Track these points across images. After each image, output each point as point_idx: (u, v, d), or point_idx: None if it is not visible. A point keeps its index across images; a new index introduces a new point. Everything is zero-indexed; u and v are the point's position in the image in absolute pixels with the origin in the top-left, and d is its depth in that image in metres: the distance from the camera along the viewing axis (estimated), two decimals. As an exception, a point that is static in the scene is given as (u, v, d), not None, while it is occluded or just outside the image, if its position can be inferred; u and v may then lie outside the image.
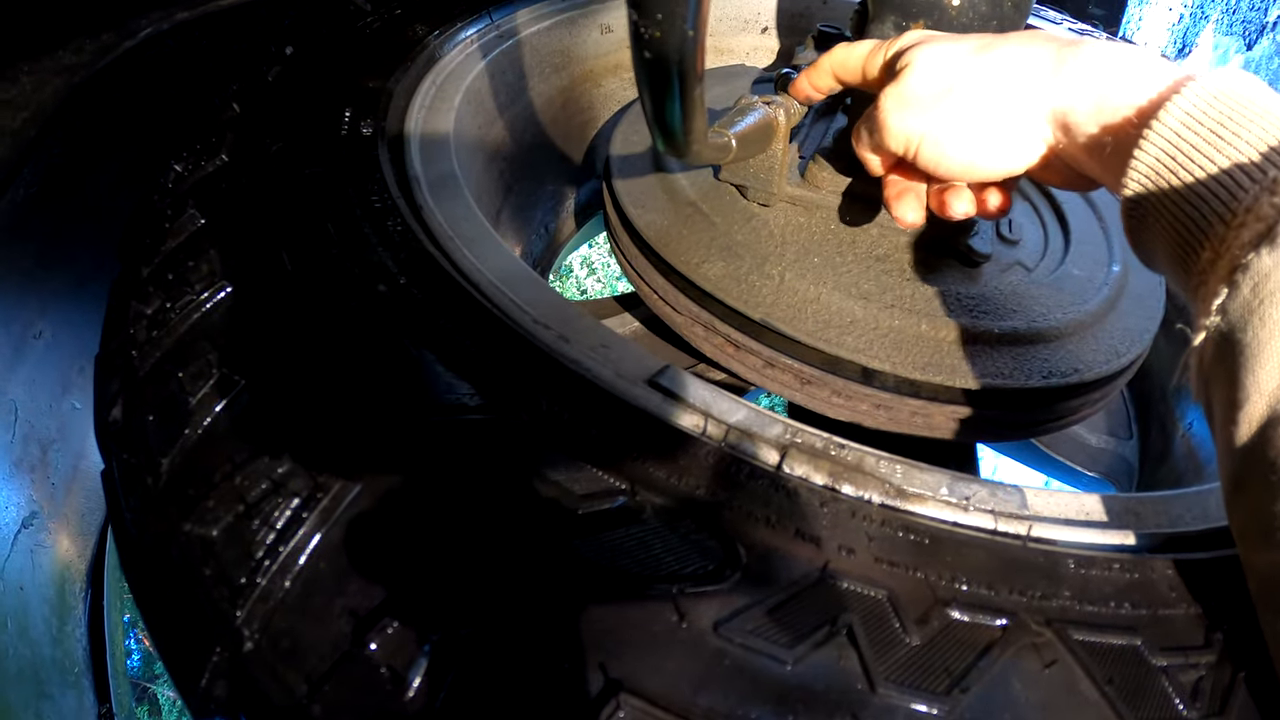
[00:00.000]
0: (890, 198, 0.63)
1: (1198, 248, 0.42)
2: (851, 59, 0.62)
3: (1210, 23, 2.78)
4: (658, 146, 0.56)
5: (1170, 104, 0.43)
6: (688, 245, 0.70)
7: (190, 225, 0.57)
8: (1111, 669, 0.38)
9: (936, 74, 0.53)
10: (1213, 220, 0.41)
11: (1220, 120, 0.41)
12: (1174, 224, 0.43)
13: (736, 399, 0.50)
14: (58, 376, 0.94)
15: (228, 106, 0.69)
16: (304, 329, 0.49)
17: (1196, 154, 0.42)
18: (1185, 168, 0.42)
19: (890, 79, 0.57)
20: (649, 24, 0.41)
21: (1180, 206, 0.42)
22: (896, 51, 0.58)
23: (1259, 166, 0.40)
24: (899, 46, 0.58)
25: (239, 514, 0.41)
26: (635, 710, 0.34)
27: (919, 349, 0.64)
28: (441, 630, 0.37)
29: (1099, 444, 0.95)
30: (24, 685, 0.85)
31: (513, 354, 0.49)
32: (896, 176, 0.63)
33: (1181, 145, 0.42)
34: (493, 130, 0.88)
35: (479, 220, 0.63)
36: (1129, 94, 0.46)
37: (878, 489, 0.46)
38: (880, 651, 0.37)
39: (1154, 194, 0.44)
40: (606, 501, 0.41)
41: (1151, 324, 0.73)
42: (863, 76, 0.62)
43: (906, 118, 0.55)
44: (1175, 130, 0.42)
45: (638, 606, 0.37)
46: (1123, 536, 0.47)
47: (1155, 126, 0.43)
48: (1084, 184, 0.54)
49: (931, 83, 0.53)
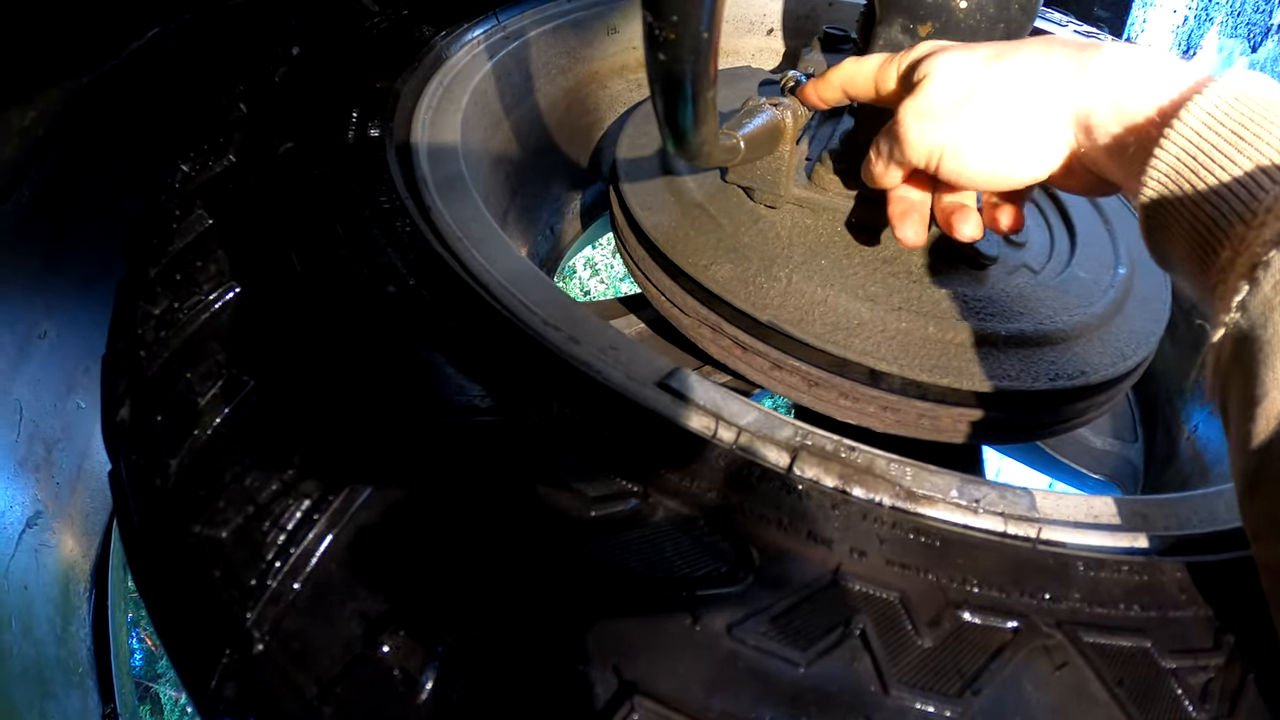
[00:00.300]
0: (894, 216, 0.63)
1: (1217, 246, 0.42)
2: (861, 74, 0.62)
3: (1215, 25, 2.78)
4: (668, 148, 0.56)
5: (1191, 104, 0.43)
6: (695, 247, 0.70)
7: (198, 226, 0.57)
8: (1122, 671, 0.38)
9: (956, 83, 0.53)
10: (1233, 219, 0.41)
11: (1241, 121, 0.41)
12: (1193, 223, 0.43)
13: (747, 401, 0.50)
14: (63, 376, 0.94)
15: (235, 107, 0.69)
16: (313, 330, 0.49)
17: (1217, 154, 0.42)
18: (1206, 167, 0.42)
19: (907, 91, 0.56)
20: (664, 26, 0.41)
21: (1200, 206, 0.43)
22: (911, 63, 0.57)
23: (1279, 167, 0.40)
24: (913, 58, 0.57)
25: (249, 515, 0.41)
26: (649, 712, 0.34)
27: (926, 351, 0.64)
28: (454, 632, 0.36)
29: (1104, 447, 0.95)
30: (29, 684, 0.85)
31: (523, 356, 0.49)
32: (902, 193, 0.63)
33: (1202, 145, 0.42)
34: (499, 131, 0.88)
35: (487, 221, 0.63)
36: (1150, 96, 0.46)
37: (888, 491, 0.46)
38: (893, 653, 0.37)
39: (1173, 193, 0.44)
40: (619, 504, 0.41)
41: (1157, 327, 0.73)
42: (875, 91, 0.61)
43: (929, 129, 0.54)
44: (1196, 130, 0.42)
45: (650, 609, 0.37)
46: (1132, 539, 0.47)
47: (1176, 126, 0.43)
48: (1103, 188, 0.54)
49: (951, 92, 0.53)
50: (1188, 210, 0.43)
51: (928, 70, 0.55)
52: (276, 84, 0.72)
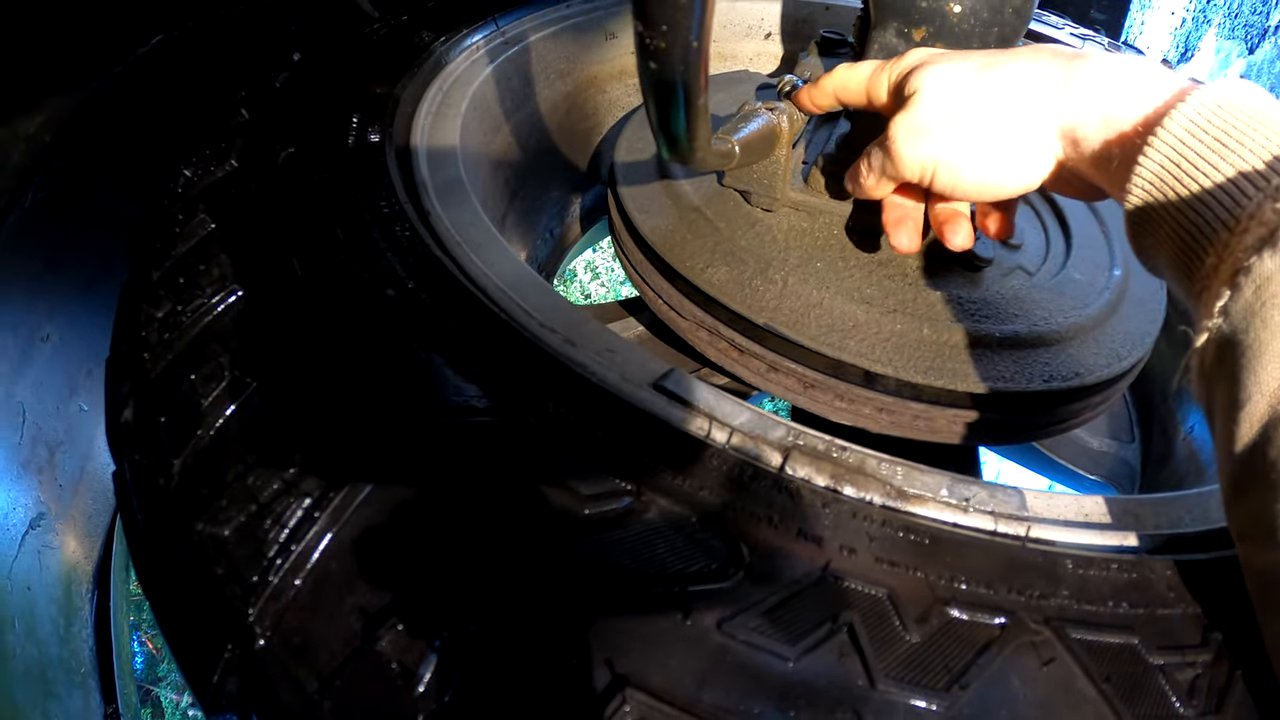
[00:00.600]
0: (888, 223, 0.64)
1: (1201, 254, 0.43)
2: (853, 81, 0.62)
3: (1212, 27, 2.78)
4: (662, 154, 0.56)
5: (1175, 112, 0.43)
6: (692, 250, 0.71)
7: (200, 230, 0.58)
8: (1109, 667, 0.39)
9: (945, 97, 0.53)
10: (1216, 227, 0.41)
11: (1224, 129, 0.42)
12: (1178, 230, 0.44)
13: (740, 402, 0.51)
14: (65, 379, 0.94)
15: (237, 112, 0.70)
16: (314, 332, 0.50)
17: (1201, 161, 0.42)
18: (1189, 175, 0.42)
19: (899, 106, 0.57)
20: (654, 35, 0.42)
21: (1184, 213, 0.43)
22: (901, 75, 0.57)
23: (1262, 174, 0.40)
24: (903, 69, 0.57)
25: (251, 513, 0.42)
26: (640, 705, 0.35)
27: (921, 353, 0.65)
28: (451, 627, 0.37)
29: (1101, 447, 0.95)
30: (31, 685, 0.86)
31: (520, 358, 0.50)
32: (896, 200, 0.64)
33: (1185, 153, 0.43)
34: (498, 136, 0.89)
35: (485, 225, 0.64)
36: (1135, 106, 0.46)
37: (879, 490, 0.46)
38: (881, 649, 0.37)
39: (1158, 201, 0.44)
40: (612, 502, 0.41)
41: (1153, 328, 0.73)
42: (867, 98, 0.62)
43: (920, 146, 0.55)
44: (1179, 138, 0.43)
45: (643, 605, 0.38)
46: (1121, 538, 0.48)
47: (1160, 134, 0.44)
48: (1095, 194, 0.54)
49: (941, 107, 0.54)
50: (1172, 217, 0.44)
51: (917, 85, 0.55)
52: (278, 89, 0.73)
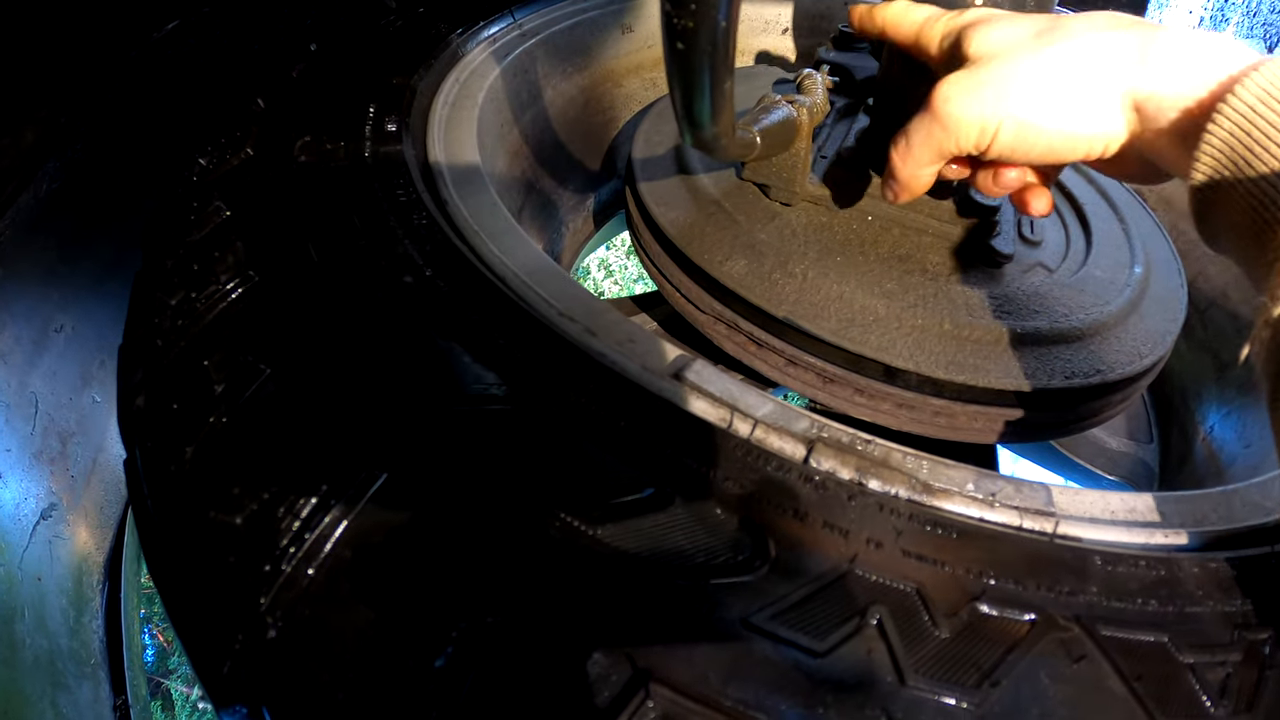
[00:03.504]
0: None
1: (1275, 224, 0.42)
2: (906, 21, 0.60)
3: (1231, 25, 2.77)
4: (685, 140, 0.56)
5: (1247, 80, 0.43)
6: (711, 243, 0.70)
7: (216, 217, 0.58)
8: (1139, 665, 0.38)
9: (1011, 55, 0.51)
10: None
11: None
12: (1249, 200, 0.43)
13: (763, 393, 0.50)
14: (78, 370, 0.94)
15: (253, 102, 0.70)
16: (330, 319, 0.49)
17: (1272, 129, 0.41)
18: (1260, 144, 0.42)
19: (951, 63, 0.55)
20: (682, 15, 0.41)
21: (1256, 184, 0.42)
22: (959, 29, 0.55)
23: None
24: (962, 23, 0.55)
25: (264, 501, 0.41)
26: (664, 700, 0.34)
27: (943, 348, 0.64)
28: (467, 619, 0.36)
29: (1119, 447, 0.94)
30: (41, 675, 0.86)
31: (539, 347, 0.49)
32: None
33: (1257, 121, 0.42)
34: (515, 128, 0.88)
35: (503, 215, 0.63)
36: (1212, 77, 0.45)
37: (904, 484, 0.46)
38: (910, 644, 0.37)
39: (1228, 170, 0.44)
40: (634, 493, 0.41)
41: (1173, 326, 0.73)
42: (915, 42, 0.59)
43: (981, 103, 0.52)
44: (1251, 106, 0.42)
45: (666, 597, 0.37)
46: (1149, 535, 0.47)
47: (1230, 102, 0.43)
48: (1150, 173, 0.53)
49: (1006, 64, 0.51)
50: (1244, 186, 0.43)
51: (979, 41, 0.53)
52: (294, 79, 0.73)
